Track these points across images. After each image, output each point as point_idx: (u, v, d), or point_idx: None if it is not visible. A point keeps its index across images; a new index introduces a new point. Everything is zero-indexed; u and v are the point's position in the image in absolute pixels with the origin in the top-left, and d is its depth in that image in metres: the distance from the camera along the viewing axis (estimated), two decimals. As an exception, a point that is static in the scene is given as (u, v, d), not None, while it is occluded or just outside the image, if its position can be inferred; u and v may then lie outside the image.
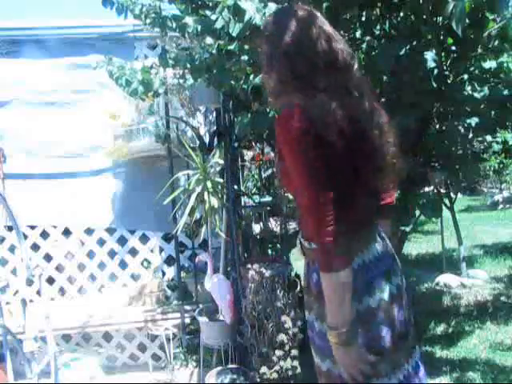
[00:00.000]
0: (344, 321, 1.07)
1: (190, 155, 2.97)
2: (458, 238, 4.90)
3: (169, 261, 3.67)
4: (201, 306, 3.11)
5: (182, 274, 3.45)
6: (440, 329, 3.50)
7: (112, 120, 3.41)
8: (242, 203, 3.13)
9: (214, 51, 2.18)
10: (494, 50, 2.09)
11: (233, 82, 2.21)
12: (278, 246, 3.21)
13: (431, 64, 2.01)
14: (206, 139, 3.42)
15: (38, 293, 3.34)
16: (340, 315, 1.08)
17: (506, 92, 2.23)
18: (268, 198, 3.28)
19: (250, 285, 2.51)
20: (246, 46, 2.07)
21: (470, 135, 2.31)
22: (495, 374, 2.71)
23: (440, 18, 2.06)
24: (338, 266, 1.06)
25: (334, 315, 1.09)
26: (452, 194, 5.11)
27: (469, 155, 2.44)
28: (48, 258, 3.60)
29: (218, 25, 1.64)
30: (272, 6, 1.65)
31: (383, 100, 2.39)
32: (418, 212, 2.39)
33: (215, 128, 3.30)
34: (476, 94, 2.19)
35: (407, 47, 2.02)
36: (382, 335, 1.13)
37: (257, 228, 3.32)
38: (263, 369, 2.44)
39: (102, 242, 3.64)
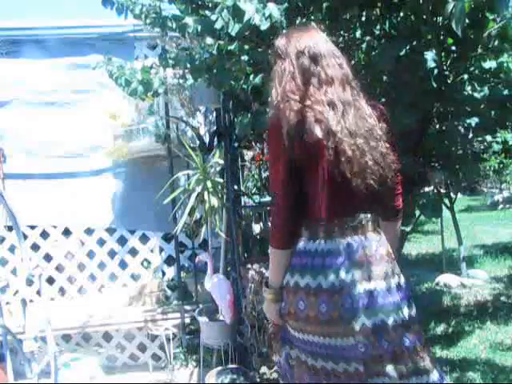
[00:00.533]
0: (274, 283, 1.43)
1: (190, 155, 2.97)
2: (457, 238, 4.90)
3: (169, 261, 3.67)
4: (201, 305, 3.11)
5: (182, 274, 3.45)
6: (440, 329, 3.51)
7: (112, 120, 3.41)
8: (242, 203, 3.13)
9: (214, 51, 2.18)
10: (494, 50, 2.09)
11: (233, 82, 2.21)
12: (278, 245, 3.20)
13: (431, 64, 2.01)
14: (206, 139, 3.42)
15: (38, 293, 3.34)
16: (273, 278, 1.44)
17: (506, 92, 2.22)
18: (268, 198, 3.28)
19: (250, 285, 2.51)
20: (246, 46, 2.07)
21: (470, 135, 2.31)
22: (495, 374, 2.71)
23: (440, 18, 2.06)
24: (276, 246, 1.40)
25: (271, 276, 1.46)
26: (452, 194, 5.11)
27: (469, 155, 2.44)
28: (48, 258, 3.60)
29: (218, 25, 1.64)
30: (271, 7, 1.65)
31: (383, 100, 2.40)
32: (418, 212, 2.39)
33: (215, 128, 3.30)
34: (476, 94, 2.18)
35: (407, 47, 2.01)
36: (300, 309, 1.36)
37: (257, 228, 3.32)
38: (263, 369, 2.45)
39: (102, 242, 3.64)
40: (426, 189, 2.71)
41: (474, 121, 2.21)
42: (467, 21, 1.54)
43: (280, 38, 1.47)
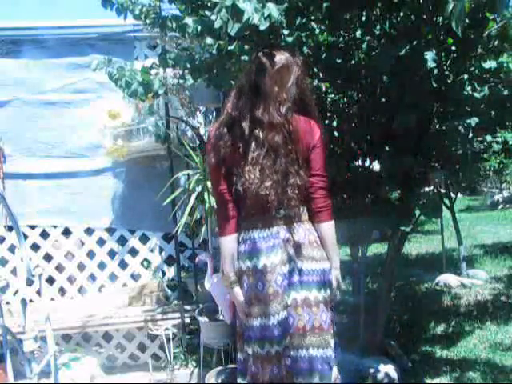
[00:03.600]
0: (225, 269, 1.66)
1: (190, 155, 2.97)
2: (457, 238, 4.91)
3: (169, 261, 3.67)
4: (201, 305, 3.11)
5: (182, 274, 3.45)
6: (440, 329, 3.51)
7: (112, 120, 3.41)
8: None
9: (214, 51, 2.18)
10: (494, 50, 2.09)
11: (233, 82, 2.21)
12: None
13: (431, 64, 2.01)
14: (206, 139, 3.42)
15: (38, 293, 3.34)
16: (223, 265, 1.67)
17: (506, 92, 2.22)
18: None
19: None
20: (246, 46, 2.07)
21: (470, 135, 2.31)
22: (495, 374, 2.71)
23: (440, 18, 2.06)
24: (220, 234, 1.66)
25: (222, 264, 1.68)
26: (452, 194, 5.12)
27: (469, 155, 2.44)
28: (48, 258, 3.59)
29: (217, 25, 1.63)
30: (270, 6, 1.65)
31: (383, 100, 2.40)
32: (418, 212, 2.39)
33: (215, 128, 3.30)
34: (476, 94, 2.18)
35: (407, 47, 2.02)
36: (245, 290, 1.64)
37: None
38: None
39: (102, 242, 3.64)
40: (426, 189, 2.71)
41: (474, 121, 2.21)
42: (467, 21, 1.54)
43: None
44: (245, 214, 1.65)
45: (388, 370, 2.60)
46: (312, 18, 2.21)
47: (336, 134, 2.48)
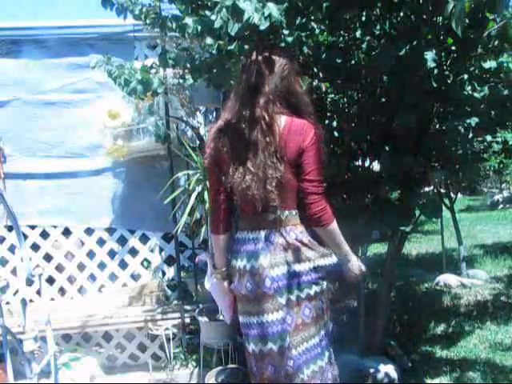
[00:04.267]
0: (217, 264, 1.82)
1: (190, 155, 2.97)
2: (457, 238, 4.91)
3: (169, 261, 3.67)
4: (201, 305, 3.11)
5: (182, 274, 3.45)
6: (440, 329, 3.51)
7: (112, 119, 3.40)
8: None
9: (214, 51, 2.18)
10: (494, 50, 2.09)
11: (233, 82, 2.21)
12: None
13: (431, 64, 2.01)
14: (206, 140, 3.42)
15: (38, 293, 3.34)
16: (216, 260, 1.82)
17: (506, 92, 2.23)
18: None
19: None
20: (246, 46, 2.07)
21: (470, 135, 2.31)
22: (495, 374, 2.71)
23: (440, 18, 2.06)
24: (212, 232, 1.78)
25: (215, 258, 1.82)
26: (452, 194, 5.12)
27: (469, 155, 2.44)
28: (48, 258, 3.59)
29: (217, 25, 1.63)
30: (271, 6, 1.64)
31: (383, 100, 2.40)
32: (418, 212, 2.39)
33: (215, 128, 3.30)
34: (476, 94, 2.19)
35: (407, 47, 2.02)
36: (237, 287, 1.69)
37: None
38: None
39: (102, 242, 3.64)
40: (426, 189, 2.71)
41: (474, 121, 2.21)
42: (467, 21, 1.54)
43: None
44: (240, 214, 1.71)
45: (388, 369, 2.60)
46: (312, 17, 2.21)
47: (336, 134, 2.48)
